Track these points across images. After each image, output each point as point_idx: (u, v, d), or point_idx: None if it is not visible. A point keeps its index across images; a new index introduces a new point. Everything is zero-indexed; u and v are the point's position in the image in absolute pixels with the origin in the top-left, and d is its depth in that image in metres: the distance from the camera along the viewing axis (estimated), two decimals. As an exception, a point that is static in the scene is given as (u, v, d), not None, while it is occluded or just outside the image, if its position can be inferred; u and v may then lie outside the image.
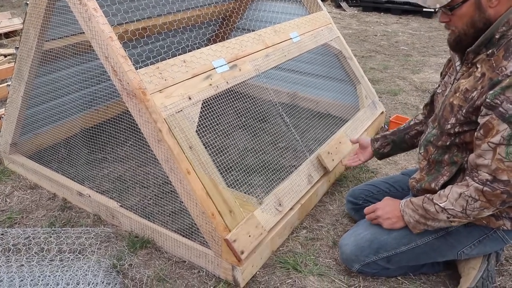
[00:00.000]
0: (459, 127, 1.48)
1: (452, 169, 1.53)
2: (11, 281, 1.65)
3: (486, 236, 1.57)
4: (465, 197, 1.41)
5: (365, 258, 1.67)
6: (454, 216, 1.45)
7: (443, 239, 1.60)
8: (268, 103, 3.33)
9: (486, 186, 1.36)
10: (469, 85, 1.44)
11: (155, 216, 2.09)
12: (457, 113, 1.48)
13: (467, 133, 1.47)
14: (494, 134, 1.33)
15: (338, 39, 2.85)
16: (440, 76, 1.77)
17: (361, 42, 5.71)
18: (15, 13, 6.81)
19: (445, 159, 1.56)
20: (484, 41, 1.39)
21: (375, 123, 2.88)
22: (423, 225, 1.55)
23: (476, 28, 1.41)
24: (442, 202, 1.46)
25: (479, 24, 1.40)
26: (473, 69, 1.46)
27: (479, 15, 1.39)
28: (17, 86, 2.22)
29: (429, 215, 1.50)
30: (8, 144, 2.46)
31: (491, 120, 1.34)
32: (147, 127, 1.62)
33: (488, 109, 1.34)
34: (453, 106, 1.50)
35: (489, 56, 1.40)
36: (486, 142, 1.35)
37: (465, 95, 1.45)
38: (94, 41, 1.62)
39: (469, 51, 1.45)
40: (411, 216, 1.57)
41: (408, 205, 1.59)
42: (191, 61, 1.82)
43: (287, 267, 1.81)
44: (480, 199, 1.38)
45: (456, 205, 1.43)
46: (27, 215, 2.17)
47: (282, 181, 2.04)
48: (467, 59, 1.48)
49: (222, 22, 3.53)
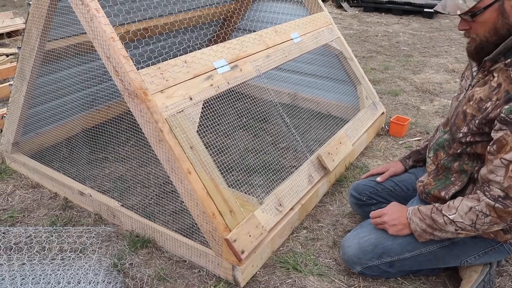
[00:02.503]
0: (471, 137, 1.45)
1: (463, 178, 1.50)
2: (13, 280, 1.66)
3: (492, 248, 1.56)
4: (475, 211, 1.38)
5: (367, 261, 1.66)
6: (463, 229, 1.43)
7: (448, 249, 1.59)
8: (269, 103, 3.34)
9: (498, 202, 1.33)
10: (484, 94, 1.40)
11: (156, 215, 2.10)
12: (469, 122, 1.44)
13: (478, 143, 1.44)
14: (507, 150, 1.30)
15: (339, 39, 2.85)
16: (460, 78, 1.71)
17: (362, 42, 5.71)
18: (17, 12, 6.83)
19: (454, 166, 1.54)
20: (503, 50, 1.35)
21: (375, 123, 2.88)
22: (429, 235, 1.53)
23: (500, 35, 1.35)
24: (451, 214, 1.44)
25: (502, 31, 1.34)
26: (489, 77, 1.42)
27: (502, 21, 1.33)
28: (19, 85, 2.23)
29: (437, 225, 1.48)
30: (10, 143, 2.47)
31: (505, 137, 1.30)
32: (148, 127, 1.63)
33: (503, 124, 1.31)
34: (466, 114, 1.46)
35: (507, 66, 1.35)
36: (499, 158, 1.32)
37: (479, 104, 1.41)
38: (96, 42, 1.63)
39: (486, 60, 1.40)
40: (418, 225, 1.55)
41: (416, 214, 1.56)
42: (192, 61, 1.83)
43: (287, 267, 1.82)
44: (491, 214, 1.35)
45: (466, 218, 1.40)
46: (29, 214, 2.18)
47: (282, 181, 2.05)
48: (484, 67, 1.43)
49: (223, 22, 3.54)
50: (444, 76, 4.28)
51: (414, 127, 3.12)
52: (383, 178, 1.96)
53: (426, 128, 3.10)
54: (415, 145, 2.84)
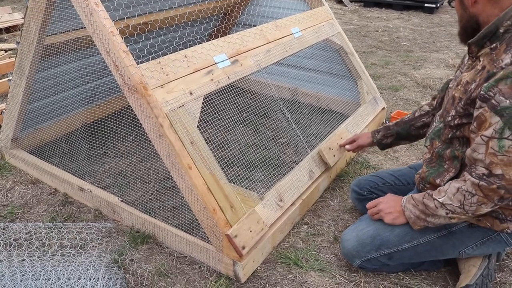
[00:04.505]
0: (458, 119, 1.48)
1: (456, 164, 1.52)
2: (13, 276, 1.65)
3: (489, 238, 1.56)
4: (462, 191, 1.39)
5: (366, 254, 1.67)
6: (453, 211, 1.44)
7: (446, 239, 1.59)
8: (269, 98, 3.33)
9: (482, 180, 1.34)
10: (470, 77, 1.45)
11: (156, 211, 2.10)
12: (457, 105, 1.48)
13: (466, 126, 1.47)
14: (486, 127, 1.32)
15: (339, 34, 2.84)
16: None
17: (362, 37, 5.69)
18: (15, 7, 6.80)
19: (447, 153, 1.55)
20: (487, 34, 1.39)
21: (376, 119, 2.88)
22: (423, 221, 1.54)
23: (465, 23, 1.47)
24: (441, 198, 1.45)
25: (466, 19, 1.46)
26: (476, 62, 1.46)
27: (465, 11, 1.45)
28: (18, 81, 2.22)
29: (429, 210, 1.50)
30: (9, 139, 2.46)
31: (483, 113, 1.33)
32: (148, 122, 1.62)
33: (482, 102, 1.33)
34: (455, 98, 1.50)
35: (492, 50, 1.39)
36: (479, 135, 1.35)
37: (465, 87, 1.45)
38: (96, 36, 1.61)
39: (470, 43, 1.45)
40: (411, 211, 1.56)
41: (410, 201, 1.58)
42: (193, 56, 1.82)
43: (288, 263, 1.82)
44: (477, 193, 1.36)
45: (454, 200, 1.41)
46: (28, 210, 2.17)
47: (283, 177, 2.04)
48: (471, 52, 1.48)
49: (223, 17, 3.52)
50: (445, 71, 4.26)
51: (415, 122, 3.11)
52: (352, 147, 2.15)
53: (427, 123, 3.09)
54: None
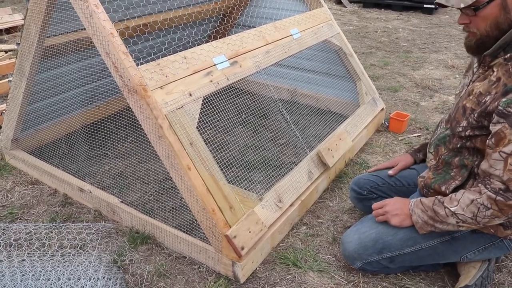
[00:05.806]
0: (470, 130, 1.45)
1: (464, 173, 1.51)
2: (13, 276, 1.66)
3: (492, 244, 1.56)
4: (477, 204, 1.38)
5: (368, 257, 1.66)
6: (464, 221, 1.43)
7: (448, 244, 1.59)
8: (269, 99, 3.33)
9: (499, 195, 1.33)
10: (483, 88, 1.41)
11: (156, 212, 2.10)
12: (469, 116, 1.45)
13: (478, 137, 1.45)
14: (506, 143, 1.31)
15: (338, 35, 2.85)
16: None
17: (361, 38, 5.70)
18: (16, 8, 6.81)
19: (455, 161, 1.54)
20: (502, 45, 1.36)
21: (375, 119, 2.88)
22: (430, 227, 1.53)
23: (501, 30, 1.36)
24: (452, 207, 1.44)
25: (504, 26, 1.35)
26: (489, 72, 1.43)
27: (504, 16, 1.34)
28: (18, 82, 2.23)
29: (438, 217, 1.48)
30: (10, 139, 2.47)
31: (503, 129, 1.31)
32: (148, 123, 1.63)
33: (500, 117, 1.31)
34: (466, 109, 1.47)
35: (506, 60, 1.36)
36: (497, 151, 1.33)
37: (478, 98, 1.42)
38: (95, 38, 1.62)
39: (486, 55, 1.41)
40: (419, 216, 1.55)
41: (418, 205, 1.56)
42: (192, 57, 1.83)
43: (287, 263, 1.82)
44: (492, 207, 1.36)
45: (467, 211, 1.41)
46: (28, 211, 2.18)
47: (282, 178, 2.05)
48: (484, 62, 1.44)
49: (222, 18, 3.53)
50: (444, 72, 4.27)
51: (414, 123, 3.12)
52: (395, 171, 1.94)
53: (426, 124, 3.09)
54: (415, 142, 2.84)
